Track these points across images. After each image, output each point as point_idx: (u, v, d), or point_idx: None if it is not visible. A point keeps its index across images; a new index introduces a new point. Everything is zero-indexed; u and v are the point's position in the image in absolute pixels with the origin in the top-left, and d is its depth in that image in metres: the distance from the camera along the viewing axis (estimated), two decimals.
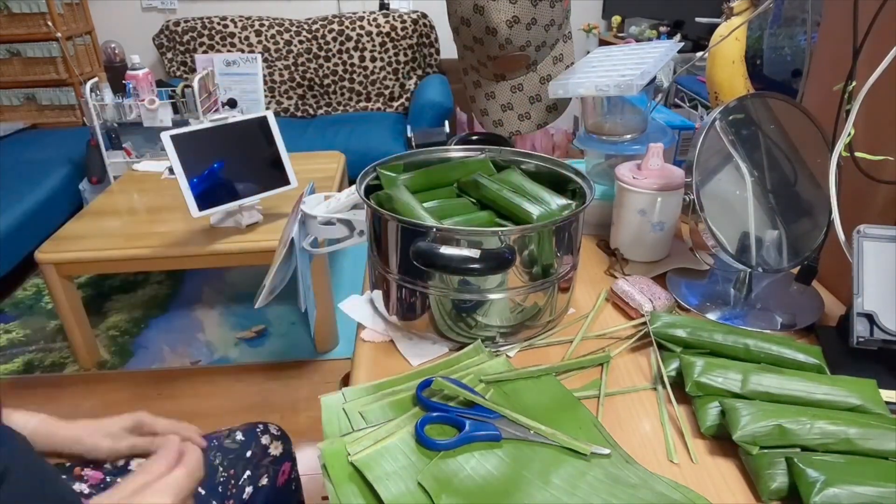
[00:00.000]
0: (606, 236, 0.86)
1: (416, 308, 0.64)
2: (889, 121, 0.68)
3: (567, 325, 0.70)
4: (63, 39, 2.95)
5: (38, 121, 3.16)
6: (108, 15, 3.35)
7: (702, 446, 0.53)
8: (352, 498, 0.46)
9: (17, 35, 2.97)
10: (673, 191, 0.75)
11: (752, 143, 0.70)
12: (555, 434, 0.51)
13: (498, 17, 0.83)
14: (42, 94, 3.11)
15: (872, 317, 0.59)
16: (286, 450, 0.83)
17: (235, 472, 0.74)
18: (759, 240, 0.69)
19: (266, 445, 0.80)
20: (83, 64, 3.17)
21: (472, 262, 0.56)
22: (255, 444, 0.79)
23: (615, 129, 0.91)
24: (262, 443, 0.80)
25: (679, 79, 2.19)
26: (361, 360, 0.65)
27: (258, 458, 0.78)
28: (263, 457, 0.78)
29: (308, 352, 1.91)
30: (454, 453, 0.49)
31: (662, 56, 0.88)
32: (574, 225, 0.64)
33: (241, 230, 1.71)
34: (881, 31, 0.60)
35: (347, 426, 0.53)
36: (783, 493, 0.46)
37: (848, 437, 0.50)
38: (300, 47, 3.12)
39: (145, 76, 2.12)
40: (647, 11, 3.03)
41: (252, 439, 0.79)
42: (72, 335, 1.78)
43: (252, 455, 0.77)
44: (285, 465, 0.81)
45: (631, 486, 0.47)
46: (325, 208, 0.78)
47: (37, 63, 3.04)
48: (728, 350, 0.60)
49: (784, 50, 1.68)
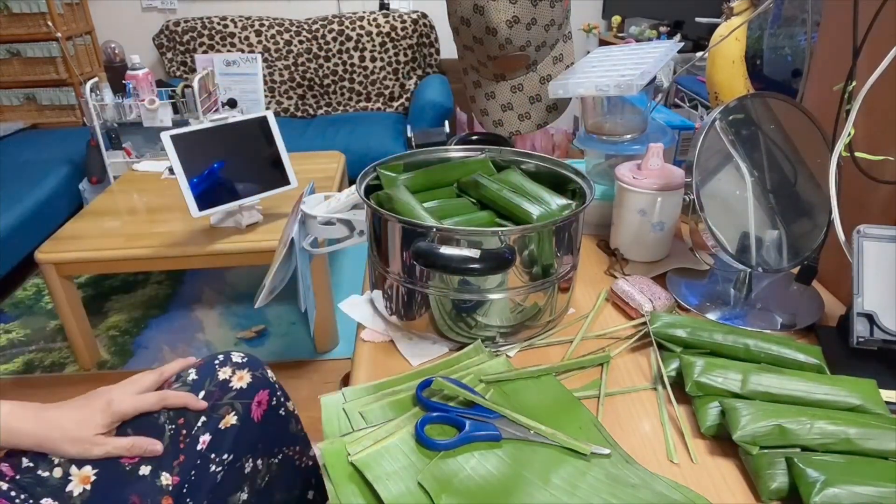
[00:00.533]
0: (606, 236, 0.86)
1: (416, 308, 0.64)
2: (889, 121, 0.68)
3: (567, 325, 0.70)
4: (63, 39, 2.95)
5: (38, 121, 3.16)
6: (108, 15, 3.35)
7: (702, 446, 0.53)
8: (352, 498, 0.46)
9: (17, 35, 2.97)
10: (673, 191, 0.75)
11: (752, 143, 0.70)
12: (555, 434, 0.51)
13: (498, 17, 0.83)
14: (42, 94, 3.11)
15: (872, 317, 0.59)
16: (257, 377, 0.73)
17: (186, 421, 0.66)
18: (759, 240, 0.69)
19: (226, 380, 0.70)
20: (83, 64, 3.17)
21: (472, 262, 0.56)
22: (210, 381, 0.70)
23: (615, 129, 0.91)
24: (218, 378, 0.70)
25: (679, 79, 2.19)
26: (361, 360, 0.65)
27: (215, 396, 0.68)
28: (223, 394, 0.69)
29: (308, 352, 1.91)
30: (454, 453, 0.49)
31: (662, 56, 0.88)
32: (574, 225, 0.64)
33: (241, 230, 1.71)
34: (881, 31, 0.60)
35: (347, 426, 0.53)
36: (783, 493, 0.46)
37: (848, 437, 0.50)
38: (300, 47, 3.12)
39: (145, 76, 2.12)
40: (647, 11, 3.03)
41: (207, 376, 0.70)
42: (72, 335, 1.78)
43: (205, 396, 0.68)
44: (260, 394, 0.72)
45: (631, 486, 0.47)
46: (325, 208, 0.78)
47: (37, 63, 3.04)
48: (728, 350, 0.60)
49: (784, 50, 1.68)
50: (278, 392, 0.76)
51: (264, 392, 0.73)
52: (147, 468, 0.63)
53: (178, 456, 0.65)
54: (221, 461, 0.68)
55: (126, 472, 0.62)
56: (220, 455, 0.68)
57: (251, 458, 0.71)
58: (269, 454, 0.75)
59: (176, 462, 0.65)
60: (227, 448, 0.68)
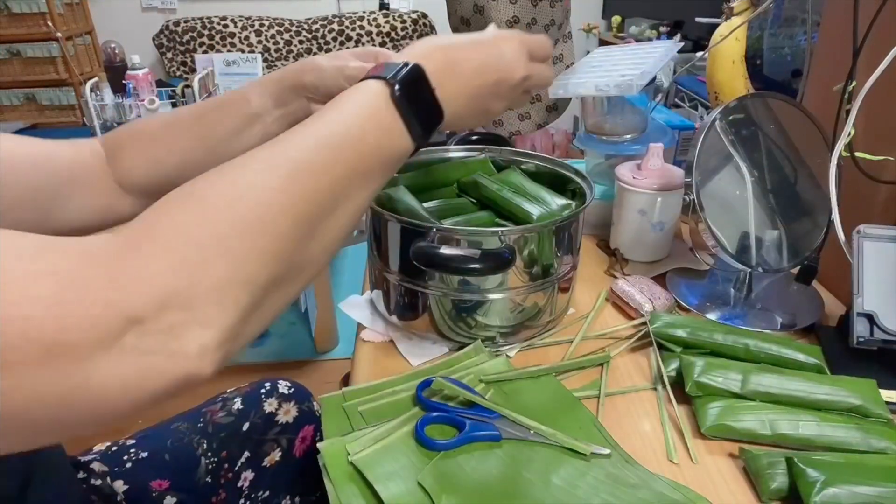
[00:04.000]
0: (606, 236, 0.86)
1: (416, 308, 0.64)
2: (889, 121, 0.68)
3: (567, 325, 0.70)
4: (63, 39, 2.95)
5: (38, 121, 3.16)
6: (108, 15, 3.35)
7: (702, 446, 0.53)
8: (352, 498, 0.46)
9: (17, 35, 2.97)
10: (673, 191, 0.75)
11: (752, 143, 0.70)
12: (555, 434, 0.51)
13: (498, 18, 0.83)
14: (42, 94, 3.11)
15: (872, 317, 0.59)
16: (304, 410, 0.69)
17: (229, 454, 0.63)
18: (759, 240, 0.69)
19: (272, 413, 0.67)
20: (83, 64, 3.17)
21: (472, 262, 0.56)
22: (255, 413, 0.67)
23: (615, 129, 0.91)
24: (264, 411, 0.67)
25: (679, 79, 2.19)
26: (361, 360, 0.65)
27: (259, 431, 0.66)
28: (267, 429, 0.66)
29: (308, 352, 1.91)
30: (454, 453, 0.49)
31: (662, 56, 0.88)
32: (574, 225, 0.64)
33: None
34: (881, 31, 0.60)
35: (347, 426, 0.53)
36: (783, 493, 0.46)
37: (848, 437, 0.50)
38: (300, 47, 3.12)
39: (145, 76, 2.12)
40: (647, 11, 3.03)
41: (252, 408, 0.67)
42: None
43: (250, 429, 0.65)
44: (305, 429, 0.69)
45: (631, 486, 0.47)
46: None
47: (37, 63, 3.04)
48: (728, 350, 0.60)
49: (784, 50, 1.68)
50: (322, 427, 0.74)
51: (309, 427, 0.70)
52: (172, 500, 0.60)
53: (217, 492, 0.62)
54: (256, 497, 0.65)
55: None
56: (255, 492, 0.65)
57: (289, 496, 0.68)
58: (308, 492, 0.71)
59: (215, 498, 0.62)
60: (265, 486, 0.65)
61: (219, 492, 0.63)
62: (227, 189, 0.32)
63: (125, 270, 0.28)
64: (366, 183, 0.37)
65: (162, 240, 0.29)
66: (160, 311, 0.28)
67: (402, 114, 0.38)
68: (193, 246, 0.29)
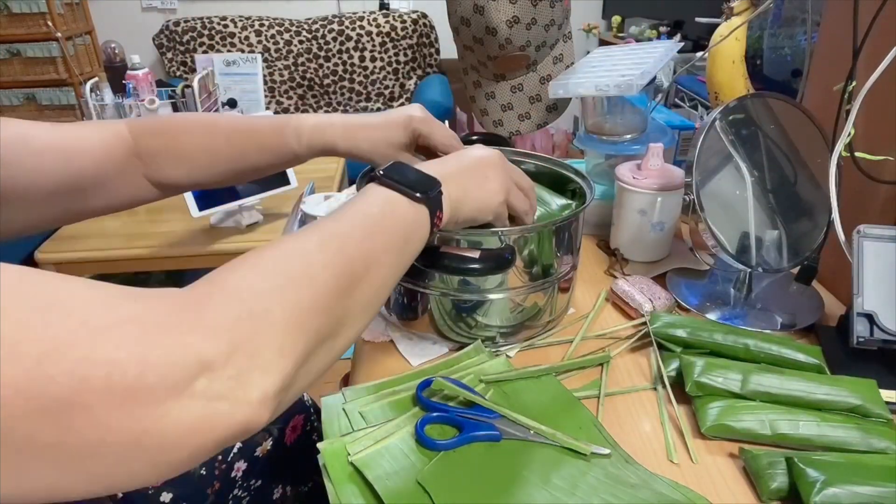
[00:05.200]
0: (606, 236, 0.86)
1: (416, 308, 0.64)
2: (889, 121, 0.68)
3: (567, 325, 0.70)
4: (63, 39, 2.95)
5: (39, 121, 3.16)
6: (108, 15, 3.35)
7: (702, 446, 0.53)
8: (352, 498, 0.46)
9: (17, 35, 2.97)
10: (673, 191, 0.75)
11: (752, 143, 0.70)
12: (555, 434, 0.51)
13: (498, 17, 0.83)
14: (42, 94, 3.11)
15: (872, 317, 0.59)
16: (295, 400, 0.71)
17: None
18: (759, 240, 0.69)
19: None
20: (83, 64, 3.17)
21: (472, 263, 0.56)
22: None
23: (615, 129, 0.91)
24: None
25: (679, 79, 2.19)
26: (361, 360, 0.65)
27: None
28: None
29: None
30: (454, 453, 0.49)
31: (662, 56, 0.88)
32: (574, 225, 0.64)
33: (242, 230, 1.71)
34: (881, 31, 0.60)
35: (347, 426, 0.53)
36: (783, 493, 0.46)
37: (848, 437, 0.50)
38: (300, 47, 3.12)
39: (145, 76, 2.12)
40: (647, 11, 3.03)
41: None
42: None
43: None
44: (295, 419, 0.70)
45: (631, 486, 0.47)
46: (325, 208, 0.78)
47: (37, 63, 3.04)
48: (728, 350, 0.60)
49: (784, 50, 1.68)
50: (313, 416, 0.74)
51: (300, 416, 0.72)
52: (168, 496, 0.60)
53: (212, 483, 0.63)
54: (248, 486, 0.65)
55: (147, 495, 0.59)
56: (247, 480, 0.65)
57: (281, 485, 0.69)
58: (300, 482, 0.72)
59: (210, 489, 0.62)
60: (257, 474, 0.66)
61: (213, 483, 0.63)
62: (276, 251, 0.38)
63: (200, 318, 0.30)
64: (391, 253, 0.45)
65: (230, 291, 0.33)
66: (230, 357, 0.30)
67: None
68: (256, 296, 0.33)
